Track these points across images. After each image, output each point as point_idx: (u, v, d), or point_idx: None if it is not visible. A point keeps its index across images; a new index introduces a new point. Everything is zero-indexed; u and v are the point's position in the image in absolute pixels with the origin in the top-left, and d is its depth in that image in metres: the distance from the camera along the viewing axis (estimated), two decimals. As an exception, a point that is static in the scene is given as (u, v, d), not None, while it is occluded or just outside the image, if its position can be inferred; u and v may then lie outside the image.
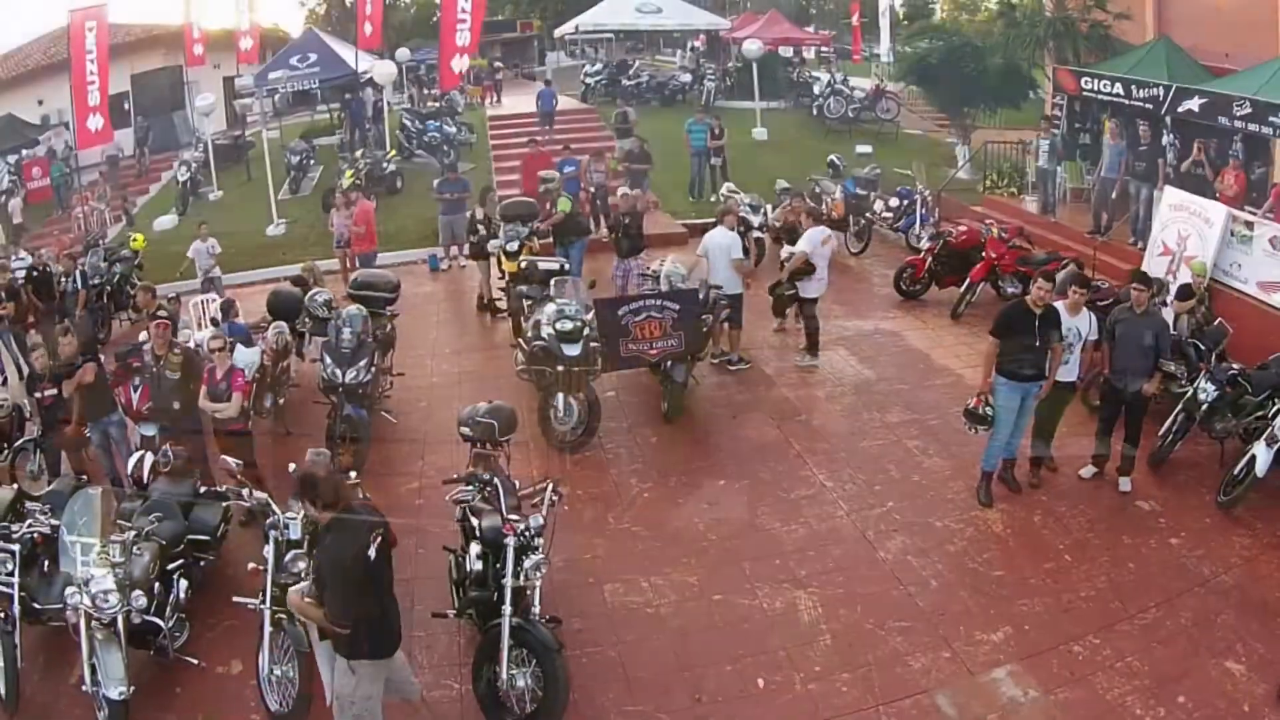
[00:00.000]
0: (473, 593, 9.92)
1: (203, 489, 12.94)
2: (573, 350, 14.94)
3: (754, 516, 13.03)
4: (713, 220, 23.33)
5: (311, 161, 34.65)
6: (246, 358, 15.65)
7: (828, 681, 9.90)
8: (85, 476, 13.98)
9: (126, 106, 38.11)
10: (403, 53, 41.88)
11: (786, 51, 45.64)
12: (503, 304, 21.33)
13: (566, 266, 19.27)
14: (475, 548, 9.97)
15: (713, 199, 28.52)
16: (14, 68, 41.50)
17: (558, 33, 55.41)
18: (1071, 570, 11.59)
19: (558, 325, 15.04)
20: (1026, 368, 12.58)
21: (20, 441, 15.87)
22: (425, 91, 45.00)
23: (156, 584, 10.97)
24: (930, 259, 21.25)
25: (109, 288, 23.16)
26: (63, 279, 22.11)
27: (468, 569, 10.01)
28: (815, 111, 39.50)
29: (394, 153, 33.34)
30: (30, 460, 15.67)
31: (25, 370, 20.51)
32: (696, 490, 13.87)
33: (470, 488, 10.68)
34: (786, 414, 16.18)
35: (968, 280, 20.32)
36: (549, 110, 37.35)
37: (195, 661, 10.76)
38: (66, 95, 37.62)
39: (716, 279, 17.17)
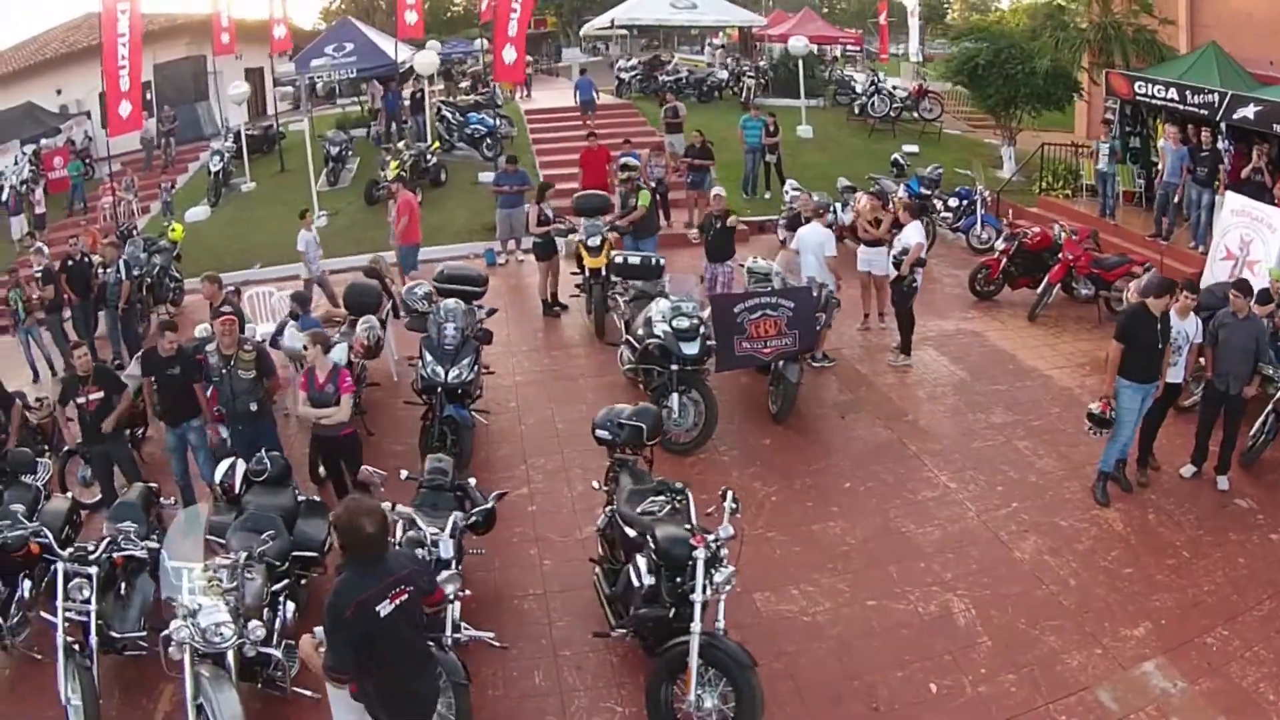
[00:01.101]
0: (642, 609, 9.22)
1: (301, 498, 11.92)
2: (691, 348, 14.53)
3: (887, 520, 12.77)
4: (773, 217, 24.55)
5: (349, 153, 33.80)
6: (333, 355, 14.41)
7: (995, 683, 9.82)
8: (156, 485, 12.88)
9: (149, 96, 36.77)
10: (432, 44, 40.46)
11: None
12: (567, 300, 21.06)
13: (662, 262, 18.42)
14: (643, 560, 9.28)
15: (766, 195, 28.35)
16: (31, 56, 41.05)
17: (584, 30, 55.74)
18: (1191, 566, 11.65)
19: (675, 323, 14.58)
20: (1148, 371, 12.63)
21: (69, 447, 15.03)
22: (458, 85, 44.64)
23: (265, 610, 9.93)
24: (1005, 260, 20.87)
25: (148, 279, 22.06)
26: (102, 269, 20.97)
27: (636, 583, 9.30)
28: (857, 110, 38.89)
29: (436, 145, 32.48)
30: (81, 467, 14.84)
31: (61, 365, 20.16)
32: (823, 493, 13.52)
33: (661, 497, 10.10)
34: (893, 415, 15.83)
35: (1045, 282, 20.02)
36: (589, 99, 37.24)
37: (312, 694, 9.39)
38: (86, 85, 38.20)
39: (808, 276, 16.96)
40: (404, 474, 11.23)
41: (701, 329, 14.73)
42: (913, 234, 17.32)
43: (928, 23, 50.68)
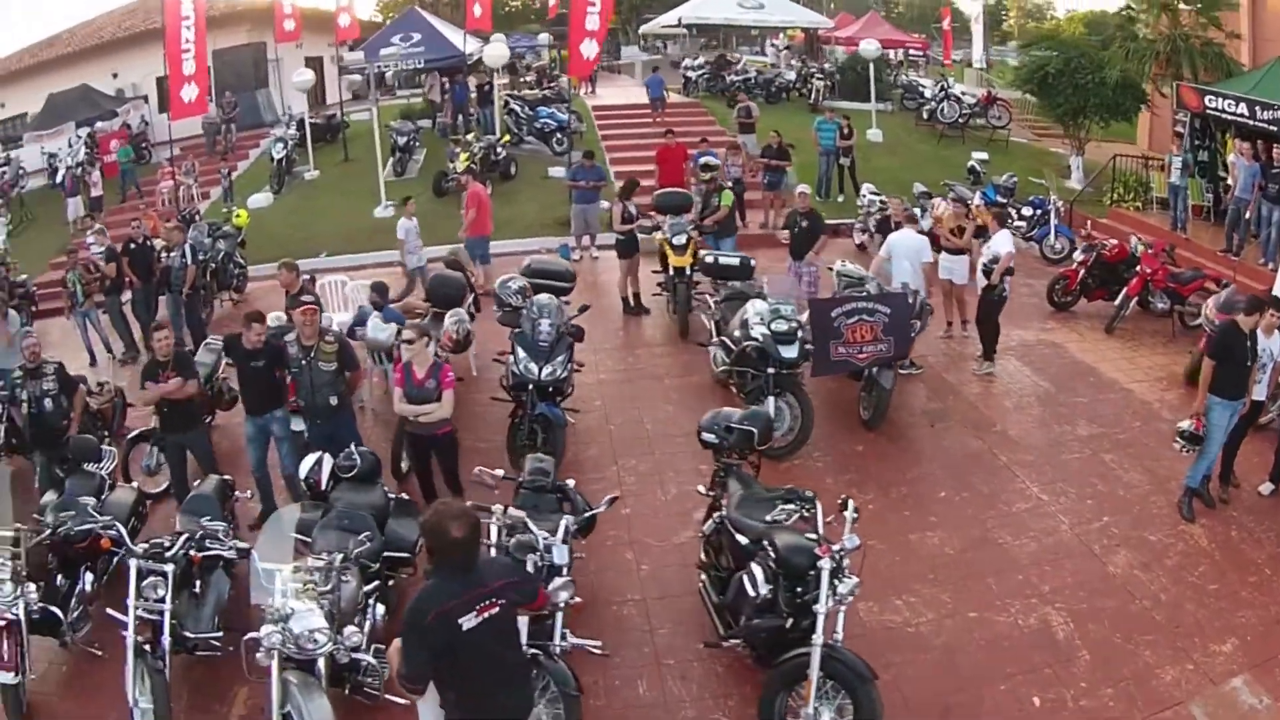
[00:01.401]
0: (756, 619, 9.02)
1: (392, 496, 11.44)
2: (790, 352, 14.28)
3: (984, 530, 12.69)
4: (848, 220, 25.52)
5: (416, 143, 33.26)
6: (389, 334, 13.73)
7: (1095, 697, 9.78)
8: (231, 478, 12.45)
9: (207, 83, 36.04)
10: (498, 38, 39.81)
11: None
12: (648, 299, 20.67)
13: (753, 263, 18.07)
14: (759, 569, 9.02)
15: (839, 199, 27.95)
16: (86, 39, 40.87)
17: (644, 29, 55.61)
18: (1272, 582, 11.57)
19: (774, 325, 14.31)
20: (1238, 387, 12.59)
21: (136, 433, 14.51)
22: (521, 79, 44.16)
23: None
24: (1083, 271, 20.59)
25: (213, 265, 21.61)
26: (165, 253, 20.35)
27: (751, 593, 9.01)
28: (925, 116, 38.59)
29: (507, 138, 32.18)
30: (146, 455, 14.29)
31: (118, 348, 20.15)
32: (920, 503, 13.41)
33: (791, 506, 9.71)
34: (981, 424, 15.70)
35: (1122, 294, 19.79)
36: (659, 96, 37.52)
37: (404, 701, 8.69)
38: (142, 69, 38.30)
39: (902, 283, 16.57)
40: (498, 473, 10.57)
41: (799, 332, 14.42)
42: (1003, 243, 17.18)
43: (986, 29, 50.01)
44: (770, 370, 14.17)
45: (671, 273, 19.14)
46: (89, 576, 10.81)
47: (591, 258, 24.58)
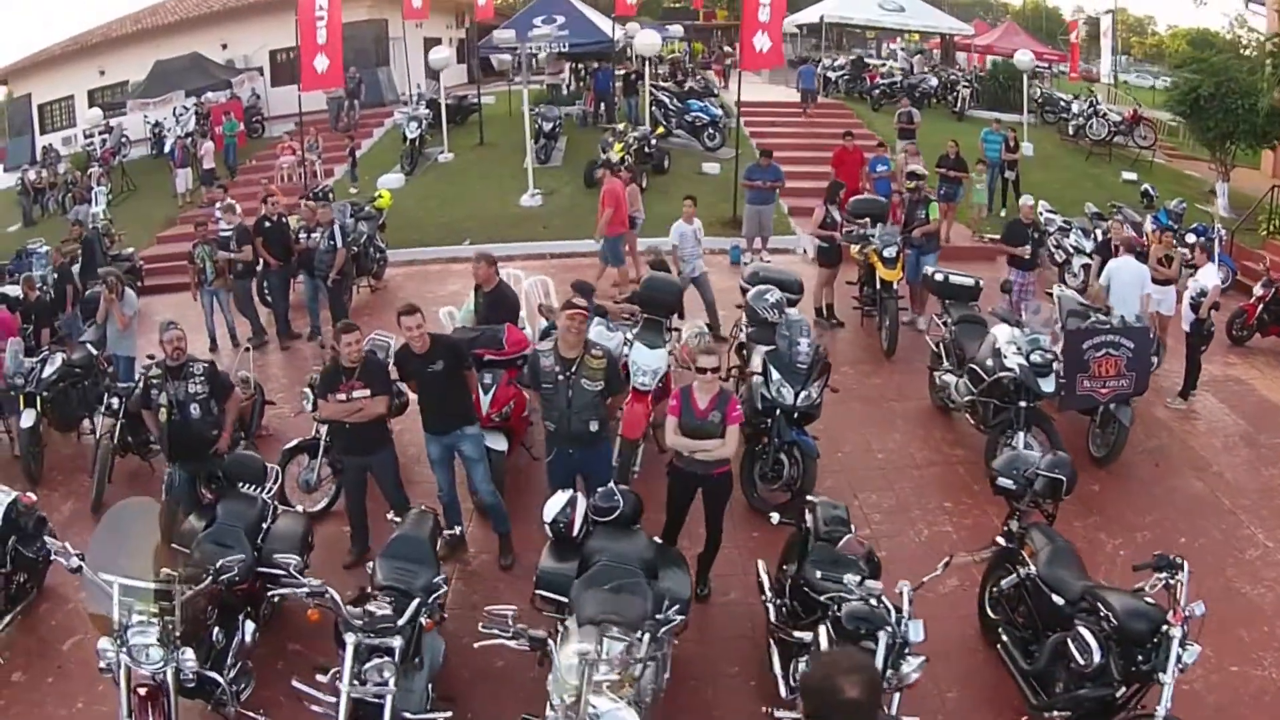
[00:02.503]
0: (1084, 688, 8.27)
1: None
2: (1048, 385, 13.19)
3: (1226, 579, 11.74)
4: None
5: (560, 129, 31.76)
6: (651, 362, 11.41)
7: None
8: (434, 511, 10.40)
9: (341, 53, 34.90)
10: (633, 27, 38.18)
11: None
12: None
13: (982, 283, 16.57)
14: (1089, 634, 8.22)
15: (1002, 213, 26.13)
16: (194, 8, 40.25)
17: (785, 23, 53.42)
18: None
19: (1033, 357, 13.14)
20: None
21: (295, 443, 12.60)
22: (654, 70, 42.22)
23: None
24: (1260, 306, 19.56)
25: (354, 249, 19.66)
26: (305, 233, 18.61)
27: (1081, 660, 8.23)
28: (1071, 131, 36.94)
29: (661, 130, 30.80)
30: (305, 468, 12.48)
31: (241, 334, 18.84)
32: (1163, 548, 10.99)
33: (1163, 574, 8.62)
34: (1199, 464, 14.60)
35: None
36: (810, 88, 37.15)
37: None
38: (254, 40, 38.25)
39: (1122, 312, 15.12)
40: (774, 517, 9.51)
41: (1055, 364, 13.35)
42: (1210, 275, 16.51)
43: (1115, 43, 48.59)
44: (1023, 404, 13.05)
45: (879, 286, 17.75)
46: (249, 625, 9.00)
47: (764, 261, 22.20)
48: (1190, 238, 21.63)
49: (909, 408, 15.69)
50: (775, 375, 12.21)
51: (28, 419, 13.76)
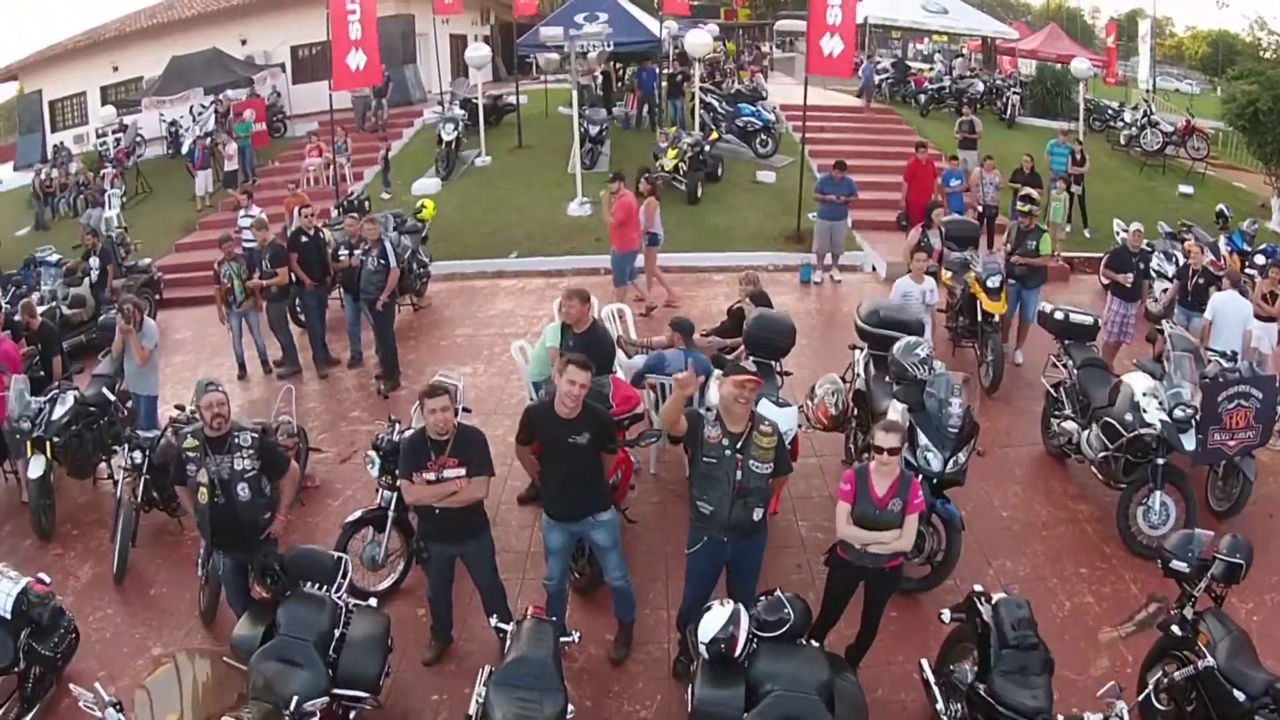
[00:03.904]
0: None
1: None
2: (1190, 442, 12.21)
3: None
4: (1085, 254, 23.35)
5: (607, 133, 30.14)
6: (780, 423, 9.64)
7: None
8: (552, 619, 8.65)
9: (377, 49, 33.79)
10: (671, 25, 36.85)
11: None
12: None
13: (1100, 323, 15.41)
14: None
15: (1067, 229, 24.67)
16: (211, 2, 39.42)
17: (780, 26, 58.41)
18: None
19: (1175, 412, 12.19)
20: None
21: (358, 515, 10.80)
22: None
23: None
24: None
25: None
26: (346, 250, 17.01)
27: None
28: (1123, 141, 35.78)
29: (715, 136, 29.26)
30: (371, 542, 10.68)
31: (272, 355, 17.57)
32: None
33: None
34: None
35: None
36: (869, 85, 36.98)
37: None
38: (275, 36, 37.67)
39: (1222, 347, 14.53)
40: (946, 616, 8.68)
41: (1195, 419, 12.32)
42: None
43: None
44: (1160, 461, 12.20)
45: (980, 318, 16.47)
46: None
47: (833, 280, 21.81)
48: (1260, 259, 20.72)
49: (1022, 455, 14.48)
50: (922, 440, 11.02)
51: (36, 468, 12.24)
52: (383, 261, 16.11)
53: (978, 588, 8.80)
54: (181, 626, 10.56)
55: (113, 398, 13.42)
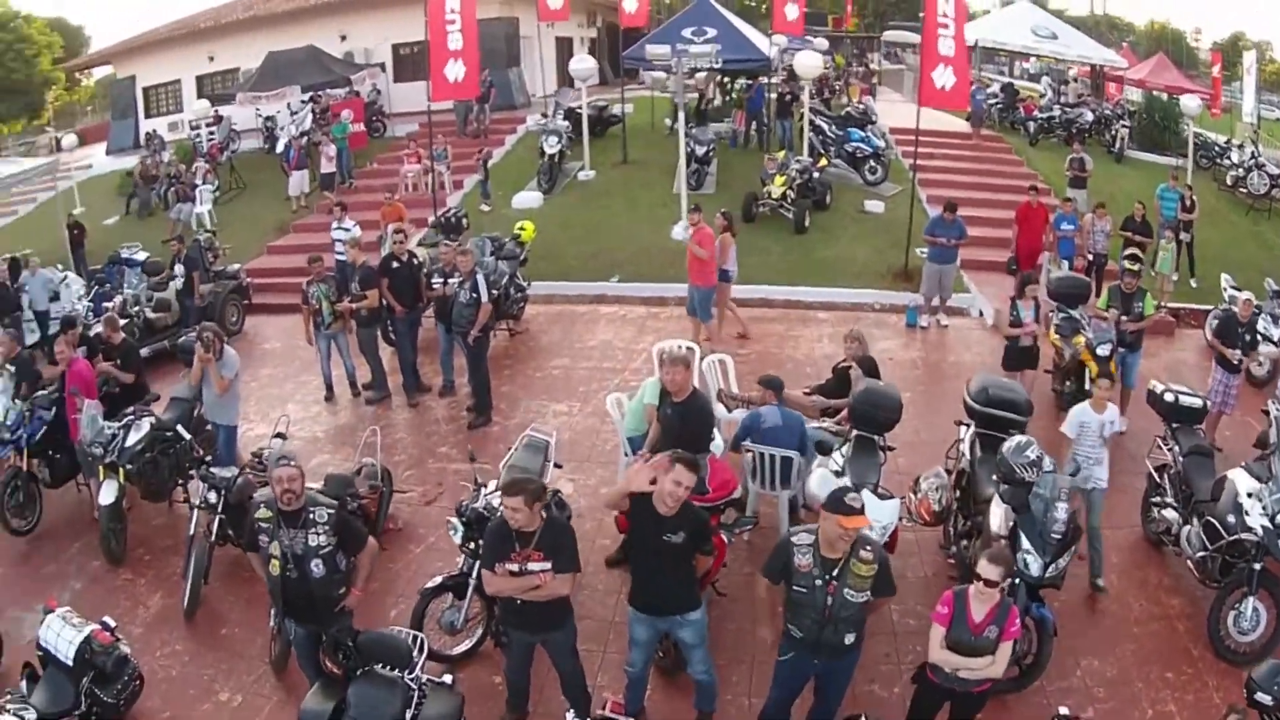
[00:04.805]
0: None
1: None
2: None
3: None
4: (1194, 306, 22.50)
5: (713, 154, 29.12)
6: (881, 517, 9.07)
7: None
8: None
9: (478, 60, 33.45)
10: (779, 39, 36.45)
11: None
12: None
13: (1209, 407, 14.70)
14: None
15: (1174, 278, 23.54)
16: None
17: (887, 36, 57.65)
18: None
19: (1279, 519, 11.38)
20: None
21: (437, 582, 10.41)
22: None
23: None
24: None
25: (495, 291, 17.29)
26: (441, 278, 16.61)
27: None
28: (1230, 182, 34.01)
29: (825, 162, 28.59)
30: (450, 608, 10.24)
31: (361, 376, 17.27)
32: None
33: None
34: None
35: None
36: (979, 111, 35.49)
37: None
38: (376, 33, 37.64)
39: None
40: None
41: None
42: None
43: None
44: (1257, 566, 11.40)
45: (1088, 385, 15.31)
46: None
47: (939, 325, 21.14)
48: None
49: (1120, 538, 13.66)
50: (1024, 543, 10.57)
51: (108, 494, 12.01)
52: (474, 295, 15.59)
53: (1063, 710, 8.48)
54: (251, 672, 10.31)
55: (188, 436, 12.99)
